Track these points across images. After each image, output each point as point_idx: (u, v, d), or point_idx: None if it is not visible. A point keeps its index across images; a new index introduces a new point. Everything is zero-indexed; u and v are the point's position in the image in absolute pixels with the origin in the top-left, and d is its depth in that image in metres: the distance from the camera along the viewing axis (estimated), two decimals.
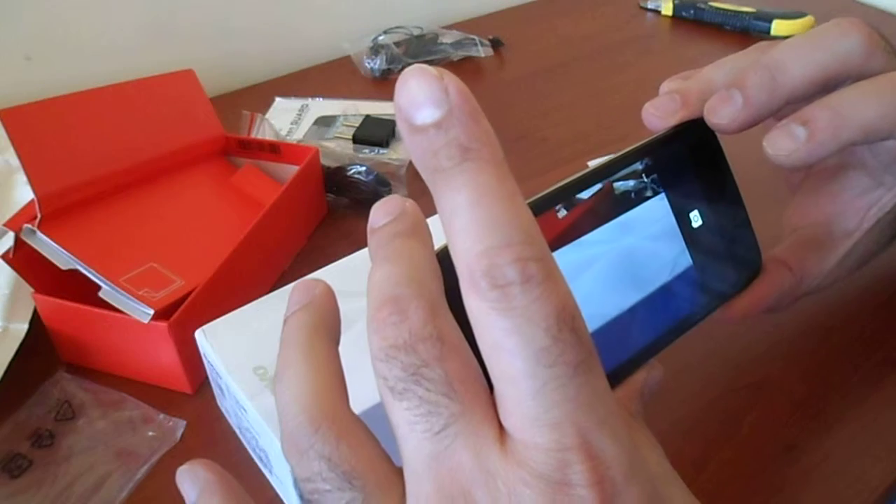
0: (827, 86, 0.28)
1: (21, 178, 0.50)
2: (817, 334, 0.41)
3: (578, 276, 0.25)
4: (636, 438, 0.22)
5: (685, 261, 0.27)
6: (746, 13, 0.75)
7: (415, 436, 0.18)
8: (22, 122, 0.39)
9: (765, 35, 0.74)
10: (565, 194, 0.24)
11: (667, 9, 0.80)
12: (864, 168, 0.32)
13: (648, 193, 0.26)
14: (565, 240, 0.24)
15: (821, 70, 0.28)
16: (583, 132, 0.61)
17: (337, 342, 0.21)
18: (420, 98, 0.17)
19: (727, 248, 0.29)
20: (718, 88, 0.28)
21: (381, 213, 0.21)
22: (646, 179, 0.26)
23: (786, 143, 0.26)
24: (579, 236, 0.25)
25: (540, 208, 0.23)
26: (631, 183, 0.26)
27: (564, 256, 0.24)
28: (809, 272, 0.32)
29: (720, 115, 0.27)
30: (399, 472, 0.19)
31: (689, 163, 0.28)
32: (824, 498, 0.34)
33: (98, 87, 0.44)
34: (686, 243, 0.27)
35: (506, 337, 0.16)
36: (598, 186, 0.25)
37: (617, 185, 0.26)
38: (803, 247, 0.33)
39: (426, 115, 0.17)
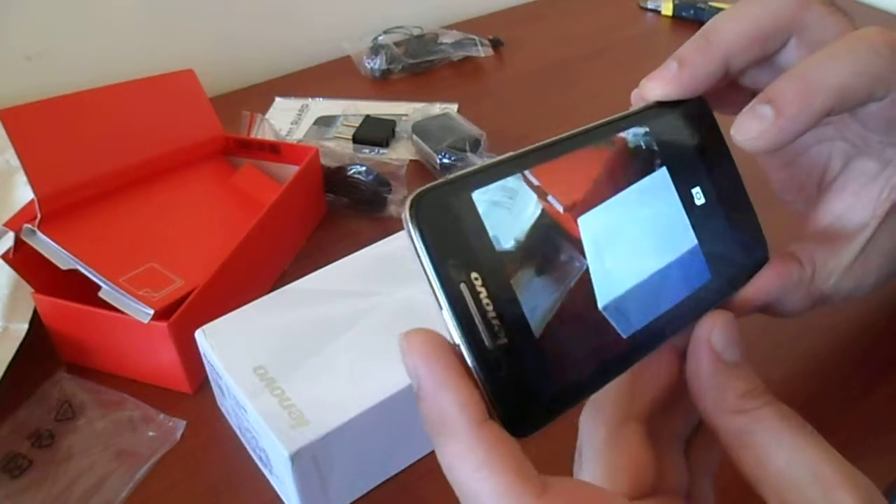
0: (766, 45, 0.27)
1: (21, 178, 0.50)
2: (817, 333, 0.41)
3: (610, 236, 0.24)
4: None
5: (691, 239, 0.26)
6: None
7: None
8: (22, 122, 0.39)
9: None
10: (573, 144, 0.23)
11: (667, 9, 0.80)
12: (865, 152, 0.30)
13: (652, 164, 0.26)
14: (592, 202, 0.23)
15: (754, 24, 0.27)
16: None
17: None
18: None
19: (732, 232, 0.28)
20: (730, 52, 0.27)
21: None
22: (648, 148, 0.25)
23: (753, 124, 0.24)
24: (602, 200, 0.24)
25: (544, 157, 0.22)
26: (638, 149, 0.25)
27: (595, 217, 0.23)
28: (823, 266, 0.29)
29: (658, 80, 0.27)
30: None
31: (688, 136, 0.27)
32: None
33: (98, 87, 0.44)
34: (690, 221, 0.26)
35: None
36: (607, 146, 0.24)
37: (626, 148, 0.25)
38: (814, 240, 0.30)
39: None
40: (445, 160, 0.55)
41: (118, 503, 0.35)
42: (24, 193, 0.49)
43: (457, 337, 0.19)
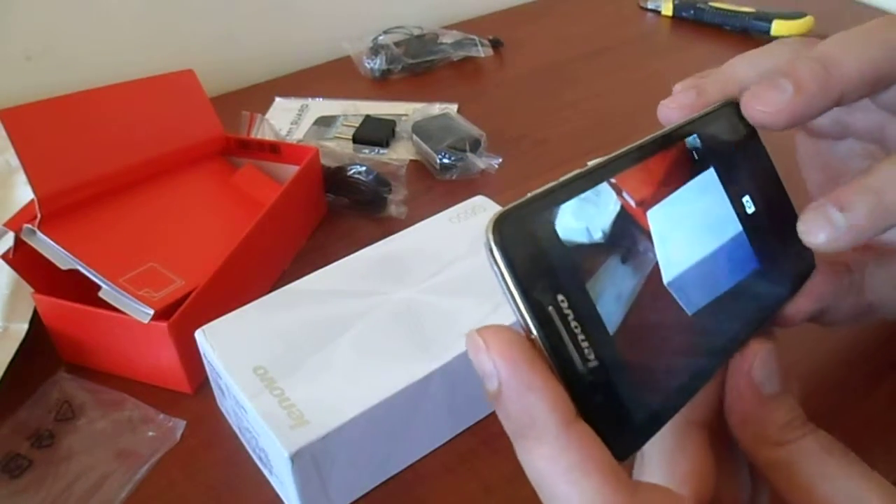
0: (875, 88, 0.26)
1: (21, 178, 0.50)
2: (816, 334, 0.41)
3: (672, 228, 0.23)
4: None
5: (746, 246, 0.26)
6: (746, 13, 0.75)
7: None
8: (22, 122, 0.39)
9: (765, 35, 0.74)
10: (630, 160, 0.23)
11: (667, 9, 0.80)
12: None
13: (702, 172, 0.25)
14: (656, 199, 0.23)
15: (873, 65, 0.25)
16: (583, 132, 0.61)
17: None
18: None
19: (778, 234, 0.27)
20: (742, 84, 0.26)
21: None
22: (696, 156, 0.25)
23: (824, 231, 0.23)
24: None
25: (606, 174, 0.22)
26: (691, 152, 0.25)
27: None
28: (871, 275, 0.29)
29: (766, 102, 0.24)
30: None
31: (733, 146, 0.26)
32: None
33: (98, 87, 0.44)
34: (739, 221, 0.26)
35: None
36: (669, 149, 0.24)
37: (682, 152, 0.24)
38: (860, 249, 0.29)
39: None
40: (445, 160, 0.55)
41: (118, 503, 0.35)
42: (24, 193, 0.49)
43: (551, 363, 0.18)
